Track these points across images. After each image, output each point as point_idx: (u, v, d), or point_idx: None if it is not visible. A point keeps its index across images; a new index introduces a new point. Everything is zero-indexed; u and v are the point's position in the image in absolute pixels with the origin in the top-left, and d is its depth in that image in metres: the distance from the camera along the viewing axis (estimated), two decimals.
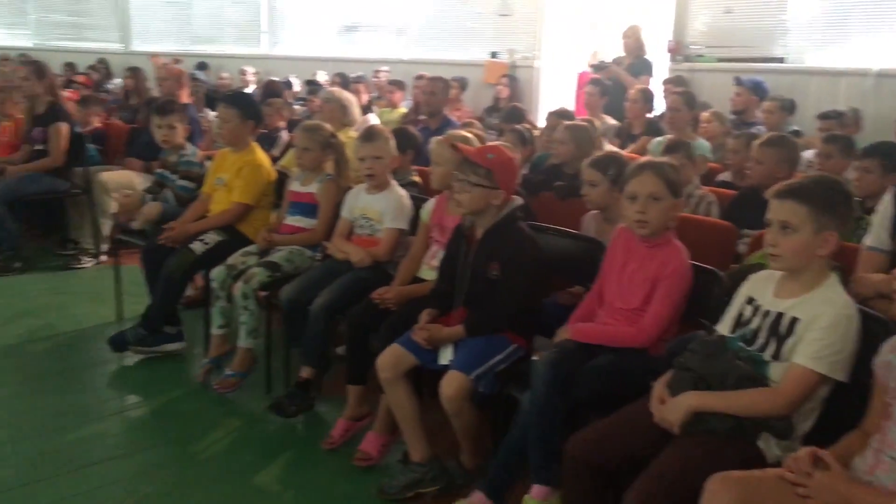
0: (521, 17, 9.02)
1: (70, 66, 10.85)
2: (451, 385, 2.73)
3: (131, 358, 4.06)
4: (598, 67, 7.71)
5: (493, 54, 9.17)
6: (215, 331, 3.84)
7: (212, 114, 6.17)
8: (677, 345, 2.43)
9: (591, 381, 2.50)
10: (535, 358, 2.60)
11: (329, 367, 3.51)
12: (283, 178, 4.20)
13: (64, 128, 5.51)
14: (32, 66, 5.71)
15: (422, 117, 6.17)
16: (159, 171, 4.59)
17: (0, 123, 5.91)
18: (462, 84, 8.48)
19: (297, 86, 9.64)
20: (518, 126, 4.85)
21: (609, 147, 4.55)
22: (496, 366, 2.80)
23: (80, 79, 9.85)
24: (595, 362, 2.55)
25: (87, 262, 5.69)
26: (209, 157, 4.54)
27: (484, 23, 9.27)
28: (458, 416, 2.79)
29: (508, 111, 6.24)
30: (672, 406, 2.16)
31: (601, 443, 2.25)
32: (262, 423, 3.51)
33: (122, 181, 5.53)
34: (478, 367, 2.76)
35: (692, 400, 2.13)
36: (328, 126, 3.99)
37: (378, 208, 3.57)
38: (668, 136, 4.72)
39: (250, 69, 10.27)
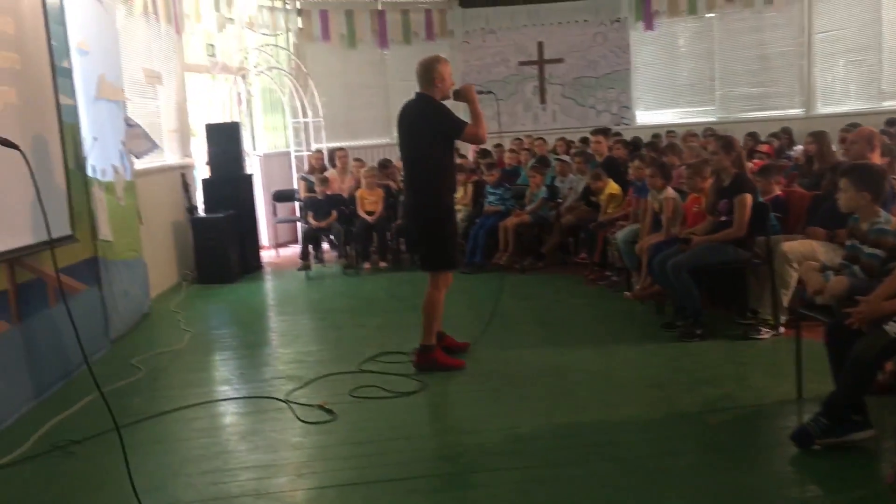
0: None
1: (752, 136, 11.12)
2: None
3: None
4: None
5: None
6: None
7: None
8: None
9: None
10: None
11: None
12: None
13: (748, 199, 5.59)
14: (721, 140, 5.97)
15: None
16: (850, 242, 4.23)
17: (690, 196, 6.32)
18: None
19: None
20: None
21: None
22: None
23: (763, 147, 9.99)
24: None
25: (765, 334, 5.59)
26: None
27: None
28: None
29: None
30: None
31: None
32: None
33: (804, 251, 5.32)
34: None
35: None
36: None
37: None
38: None
39: None
